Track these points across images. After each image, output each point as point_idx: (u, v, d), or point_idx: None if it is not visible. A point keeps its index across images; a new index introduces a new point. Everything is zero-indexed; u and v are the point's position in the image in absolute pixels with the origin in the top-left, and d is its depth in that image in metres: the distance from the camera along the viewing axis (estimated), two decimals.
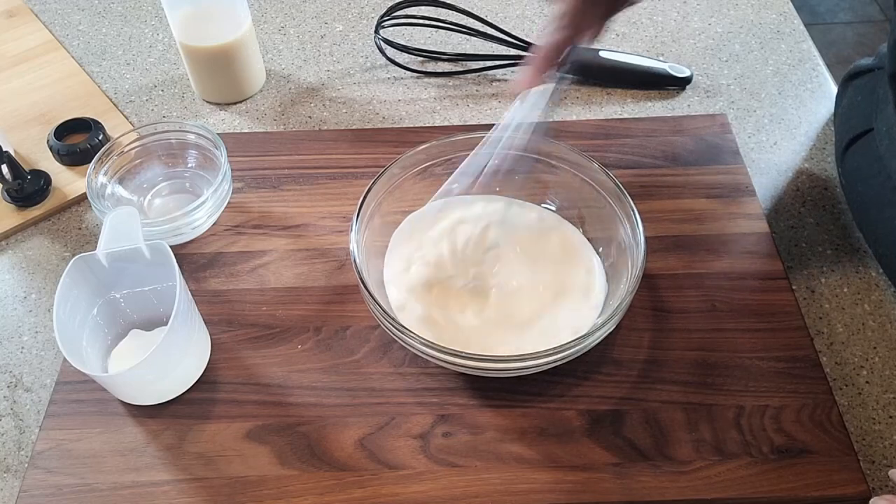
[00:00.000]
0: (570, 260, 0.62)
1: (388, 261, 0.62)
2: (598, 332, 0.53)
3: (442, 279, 0.60)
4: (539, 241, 0.63)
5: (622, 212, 0.59)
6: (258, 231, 0.67)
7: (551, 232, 0.64)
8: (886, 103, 0.63)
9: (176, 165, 0.71)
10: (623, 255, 0.59)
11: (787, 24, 0.87)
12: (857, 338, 0.61)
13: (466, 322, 0.58)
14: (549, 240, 0.63)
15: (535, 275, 0.61)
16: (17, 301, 0.65)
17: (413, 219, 0.64)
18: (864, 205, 0.66)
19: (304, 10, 0.91)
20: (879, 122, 0.64)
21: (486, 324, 0.58)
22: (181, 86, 0.82)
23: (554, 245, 0.63)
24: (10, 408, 0.59)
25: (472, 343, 0.57)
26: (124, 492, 0.53)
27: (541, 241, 0.63)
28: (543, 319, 0.58)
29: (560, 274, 0.61)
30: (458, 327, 0.58)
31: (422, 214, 0.63)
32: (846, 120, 0.70)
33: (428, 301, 0.59)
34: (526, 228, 0.64)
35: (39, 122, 0.78)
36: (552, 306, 0.59)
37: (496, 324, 0.58)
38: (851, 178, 0.68)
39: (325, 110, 0.79)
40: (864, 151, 0.66)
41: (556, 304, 0.59)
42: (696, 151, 0.72)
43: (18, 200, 0.70)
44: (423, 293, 0.59)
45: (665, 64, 0.80)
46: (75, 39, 0.88)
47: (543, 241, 0.63)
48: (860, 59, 0.72)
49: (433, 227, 0.63)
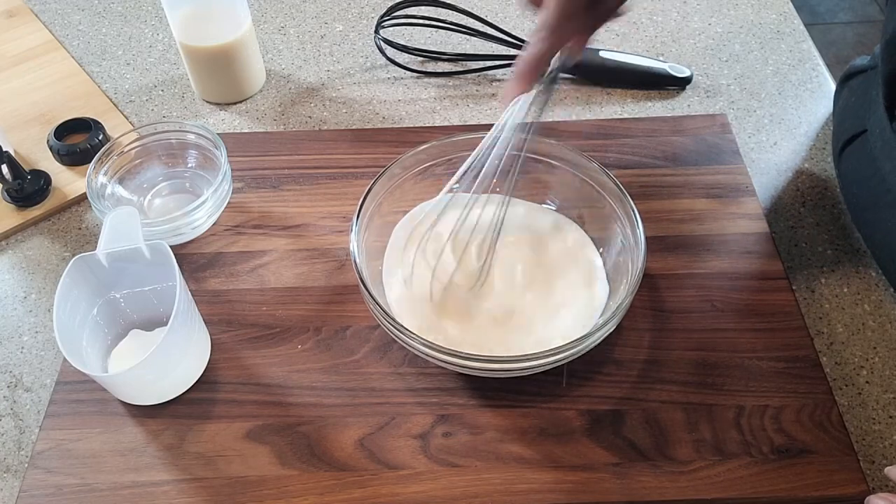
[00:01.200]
0: (571, 260, 0.62)
1: (387, 261, 0.62)
2: (598, 332, 0.53)
3: (442, 279, 0.60)
4: (540, 242, 0.63)
5: (622, 212, 0.59)
6: (258, 231, 0.67)
7: (552, 232, 0.64)
8: (879, 104, 0.63)
9: (176, 165, 0.71)
10: (623, 255, 0.59)
11: (787, 24, 0.87)
12: (857, 338, 0.61)
13: (466, 322, 0.58)
14: (550, 240, 0.63)
15: (536, 275, 0.61)
16: (17, 301, 0.65)
17: (413, 217, 0.64)
18: (860, 206, 0.66)
19: (304, 10, 0.91)
20: (872, 124, 0.64)
21: (486, 324, 0.58)
22: (181, 86, 0.82)
23: (555, 245, 0.63)
24: (10, 408, 0.59)
25: (471, 343, 0.57)
26: (124, 492, 0.53)
27: (542, 241, 0.63)
28: (544, 320, 0.58)
29: (560, 274, 0.61)
30: (458, 328, 0.58)
31: (421, 214, 0.63)
32: (842, 121, 0.70)
33: (427, 301, 0.59)
34: (526, 228, 0.64)
35: (39, 122, 0.78)
36: (552, 307, 0.59)
37: (496, 324, 0.58)
38: (847, 179, 0.68)
39: (325, 110, 0.79)
40: (859, 153, 0.66)
41: (557, 305, 0.59)
42: (696, 151, 0.72)
43: (18, 200, 0.70)
44: (423, 293, 0.59)
45: (665, 64, 0.80)
46: (75, 39, 0.88)
47: (544, 242, 0.63)
48: (856, 60, 0.72)
49: (433, 228, 0.63)
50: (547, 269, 0.61)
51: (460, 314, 0.59)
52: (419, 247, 0.62)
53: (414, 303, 0.59)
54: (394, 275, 0.61)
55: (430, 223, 0.62)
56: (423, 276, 0.60)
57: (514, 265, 0.61)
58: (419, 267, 0.61)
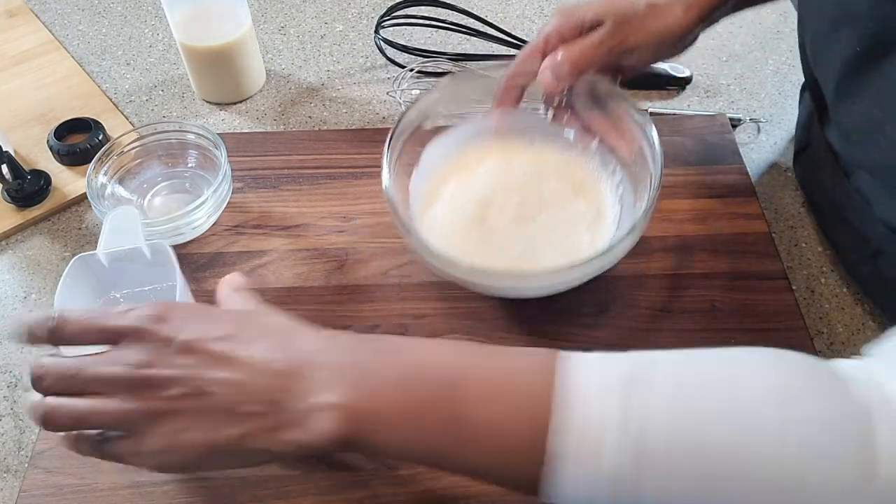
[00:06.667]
0: (588, 191, 0.63)
1: (413, 192, 0.63)
2: (620, 245, 0.54)
3: (467, 210, 0.62)
4: (554, 175, 0.64)
5: (640, 125, 0.60)
6: (258, 231, 0.67)
7: (564, 165, 0.65)
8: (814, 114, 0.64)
9: (176, 165, 0.71)
10: (642, 167, 0.59)
11: (787, 24, 0.87)
12: (857, 338, 0.61)
13: (490, 245, 0.60)
14: (563, 173, 0.64)
15: (554, 205, 0.62)
16: (18, 301, 0.65)
17: (438, 154, 0.64)
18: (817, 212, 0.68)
19: (304, 10, 0.91)
20: (813, 134, 0.65)
21: (511, 249, 0.60)
22: (181, 86, 0.82)
23: (570, 177, 0.64)
24: (10, 408, 0.59)
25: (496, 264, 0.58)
26: (124, 492, 0.53)
27: (556, 174, 0.64)
28: (565, 244, 0.60)
29: (577, 204, 0.62)
30: (482, 251, 0.59)
31: (445, 150, 0.65)
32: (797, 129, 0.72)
33: (451, 231, 0.61)
34: (543, 163, 0.65)
35: (39, 122, 0.78)
36: (572, 233, 0.60)
37: (520, 251, 0.60)
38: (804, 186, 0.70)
39: (325, 110, 0.79)
40: (806, 162, 0.68)
41: (576, 231, 0.60)
42: (696, 151, 0.72)
43: (18, 200, 0.70)
44: (450, 224, 0.61)
45: (665, 64, 0.80)
46: (75, 39, 0.88)
47: (558, 175, 0.64)
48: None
49: (460, 162, 0.64)
50: (564, 200, 0.63)
51: (483, 241, 0.60)
52: (443, 182, 0.63)
53: (439, 230, 0.61)
54: (419, 204, 0.62)
55: (458, 159, 0.64)
56: (447, 209, 0.62)
57: (533, 198, 0.63)
58: (444, 201, 0.63)
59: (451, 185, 0.64)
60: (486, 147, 0.65)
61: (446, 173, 0.64)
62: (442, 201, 0.63)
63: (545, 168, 0.64)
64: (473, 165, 0.65)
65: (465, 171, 0.65)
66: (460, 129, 0.65)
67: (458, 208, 0.62)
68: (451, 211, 0.62)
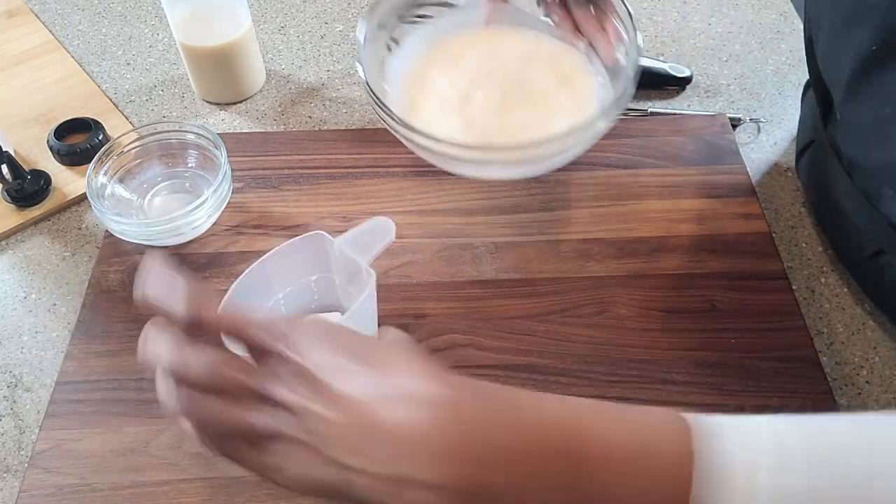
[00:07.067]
0: (572, 86, 0.62)
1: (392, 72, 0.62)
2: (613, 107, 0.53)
3: (449, 96, 0.61)
4: (541, 67, 0.63)
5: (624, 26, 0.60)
6: (258, 231, 0.67)
7: (552, 59, 0.64)
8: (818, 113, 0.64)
9: (176, 165, 0.71)
10: (621, 70, 0.59)
11: (787, 24, 0.87)
12: (857, 338, 0.61)
13: (471, 132, 0.59)
14: (551, 66, 0.63)
15: (538, 98, 0.61)
16: (17, 301, 0.65)
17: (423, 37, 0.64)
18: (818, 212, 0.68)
19: (304, 10, 0.91)
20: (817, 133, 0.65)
21: (490, 137, 0.59)
22: (181, 86, 0.82)
23: (557, 70, 0.63)
24: (10, 408, 0.59)
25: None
26: (124, 492, 0.53)
27: (542, 66, 0.63)
28: (556, 118, 0.59)
29: (560, 97, 0.61)
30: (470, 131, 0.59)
31: (431, 36, 0.64)
32: (799, 129, 0.71)
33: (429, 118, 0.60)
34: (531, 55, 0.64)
35: (39, 122, 0.78)
36: (550, 127, 0.59)
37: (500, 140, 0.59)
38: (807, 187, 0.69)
39: (325, 110, 0.79)
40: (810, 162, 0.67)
41: (554, 125, 0.59)
42: (696, 151, 0.72)
43: (18, 200, 0.70)
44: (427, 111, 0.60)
45: (665, 64, 0.80)
46: (75, 39, 0.88)
47: (544, 67, 0.63)
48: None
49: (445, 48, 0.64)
50: (547, 83, 0.62)
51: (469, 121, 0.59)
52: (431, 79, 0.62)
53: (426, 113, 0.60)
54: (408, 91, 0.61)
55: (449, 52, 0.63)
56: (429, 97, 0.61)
57: (513, 82, 0.62)
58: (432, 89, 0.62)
59: (434, 71, 0.63)
60: (474, 36, 0.65)
61: (430, 58, 0.63)
62: (423, 86, 0.62)
63: (533, 60, 0.64)
64: (459, 52, 0.64)
65: (450, 57, 0.63)
66: (448, 19, 0.65)
67: (440, 95, 0.61)
68: (434, 96, 0.61)
